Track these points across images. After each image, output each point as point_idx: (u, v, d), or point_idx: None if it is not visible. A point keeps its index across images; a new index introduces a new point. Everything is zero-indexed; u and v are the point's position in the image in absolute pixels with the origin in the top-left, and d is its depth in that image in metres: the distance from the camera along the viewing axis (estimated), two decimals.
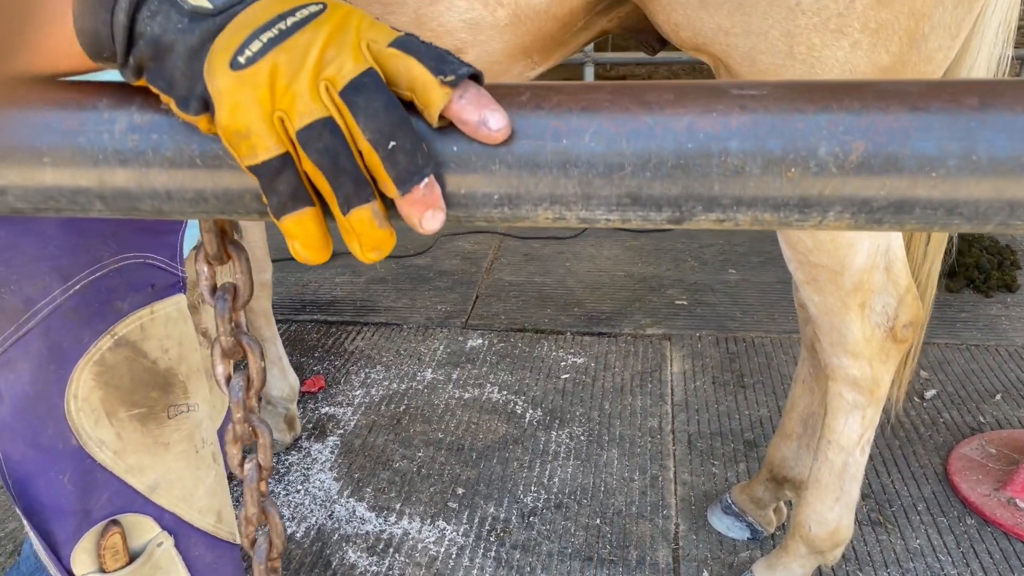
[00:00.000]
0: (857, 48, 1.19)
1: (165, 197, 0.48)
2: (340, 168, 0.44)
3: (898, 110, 0.44)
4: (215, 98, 0.43)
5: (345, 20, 0.45)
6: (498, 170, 0.46)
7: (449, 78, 0.44)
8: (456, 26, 1.30)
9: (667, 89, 0.47)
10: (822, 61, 1.21)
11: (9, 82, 0.50)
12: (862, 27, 1.17)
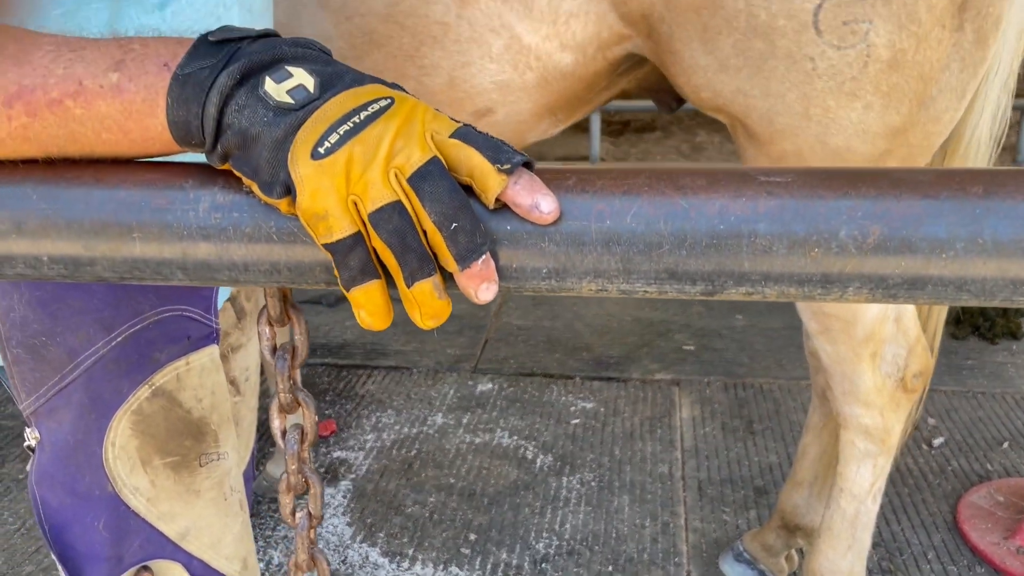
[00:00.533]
0: (870, 110, 1.25)
1: (242, 268, 0.53)
2: (407, 246, 0.49)
3: (910, 197, 0.49)
4: (297, 184, 0.48)
5: (412, 113, 0.50)
6: (547, 247, 0.51)
7: (505, 167, 0.49)
8: (487, 87, 1.36)
9: (700, 175, 0.51)
10: (836, 122, 1.26)
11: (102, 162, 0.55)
12: (874, 90, 1.23)
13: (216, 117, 0.50)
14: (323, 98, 0.50)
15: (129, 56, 0.52)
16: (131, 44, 0.53)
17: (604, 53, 1.36)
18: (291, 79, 0.50)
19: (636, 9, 1.29)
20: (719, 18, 1.22)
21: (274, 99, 0.49)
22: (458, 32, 1.32)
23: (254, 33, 0.53)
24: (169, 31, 0.89)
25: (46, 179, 0.53)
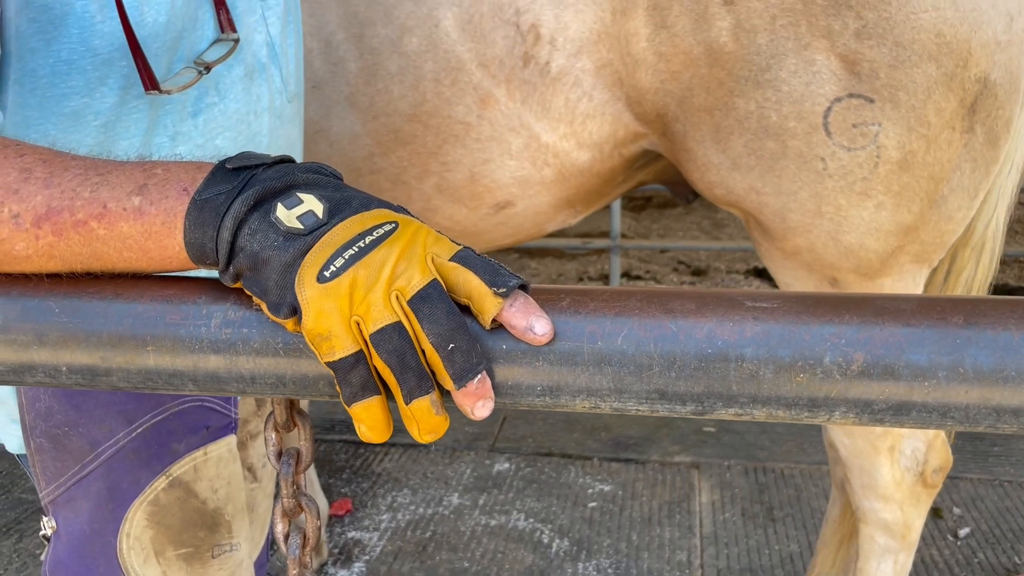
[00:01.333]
0: (881, 209, 1.27)
1: (249, 381, 0.55)
2: (406, 365, 0.51)
3: (893, 325, 0.50)
4: (303, 306, 0.51)
5: (414, 236, 0.53)
6: (541, 366, 0.53)
7: (501, 290, 0.51)
8: (507, 182, 1.41)
9: (689, 298, 0.53)
10: (849, 220, 1.28)
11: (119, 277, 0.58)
12: (885, 190, 1.25)
13: (230, 241, 0.53)
14: (331, 223, 0.53)
15: (152, 180, 0.56)
16: (154, 168, 0.57)
17: (620, 150, 1.41)
18: (301, 205, 0.53)
19: (651, 109, 1.34)
20: (731, 119, 1.26)
21: (285, 225, 0.52)
22: (479, 131, 1.37)
23: (270, 160, 0.56)
24: (201, 136, 0.94)
25: (68, 294, 0.57)
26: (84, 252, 0.56)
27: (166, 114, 0.91)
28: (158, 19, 0.86)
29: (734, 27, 1.22)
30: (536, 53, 1.32)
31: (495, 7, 1.33)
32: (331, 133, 1.47)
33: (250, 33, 0.98)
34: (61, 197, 0.56)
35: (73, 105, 0.84)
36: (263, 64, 1.00)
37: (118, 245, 0.56)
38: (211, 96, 0.94)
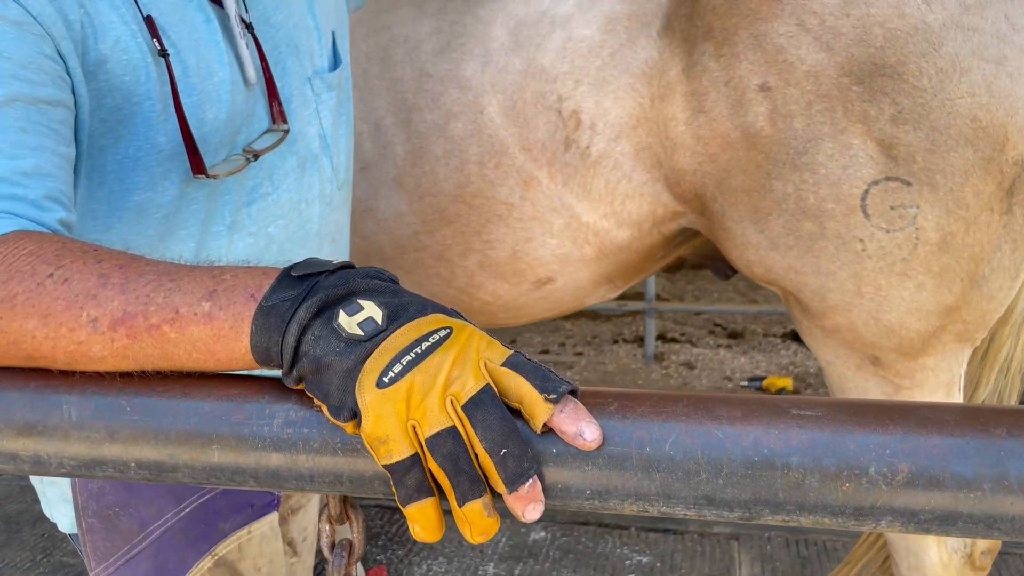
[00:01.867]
0: (922, 289, 1.27)
1: (308, 479, 0.57)
2: (460, 469, 0.53)
3: (936, 436, 0.51)
4: (363, 410, 0.53)
5: (468, 342, 0.56)
6: (590, 471, 0.54)
7: (551, 396, 0.53)
8: (548, 260, 1.44)
9: (735, 405, 0.55)
10: (889, 300, 1.29)
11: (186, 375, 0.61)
12: (925, 271, 1.26)
13: (294, 346, 0.55)
14: (389, 329, 0.55)
15: (221, 287, 0.59)
16: (223, 274, 0.60)
17: (659, 228, 1.43)
18: (362, 312, 0.56)
19: (689, 189, 1.36)
20: (769, 200, 1.28)
21: (346, 331, 0.55)
22: (521, 211, 1.41)
23: (332, 266, 0.60)
24: (255, 225, 0.99)
25: (139, 392, 0.60)
26: (156, 353, 0.60)
27: (223, 204, 0.96)
28: (219, 116, 0.91)
29: (770, 112, 1.25)
30: (577, 138, 1.36)
31: (537, 94, 1.38)
32: (378, 212, 1.51)
33: (303, 126, 1.03)
34: (136, 302, 0.60)
35: (137, 199, 0.89)
36: (315, 154, 1.05)
37: (188, 347, 0.59)
38: (265, 186, 0.99)
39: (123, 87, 0.84)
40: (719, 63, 1.27)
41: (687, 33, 1.29)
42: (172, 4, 0.88)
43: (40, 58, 0.76)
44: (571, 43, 1.37)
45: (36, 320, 0.61)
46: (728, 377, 4.11)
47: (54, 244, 0.65)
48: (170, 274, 0.61)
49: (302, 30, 1.03)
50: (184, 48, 0.88)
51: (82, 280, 0.61)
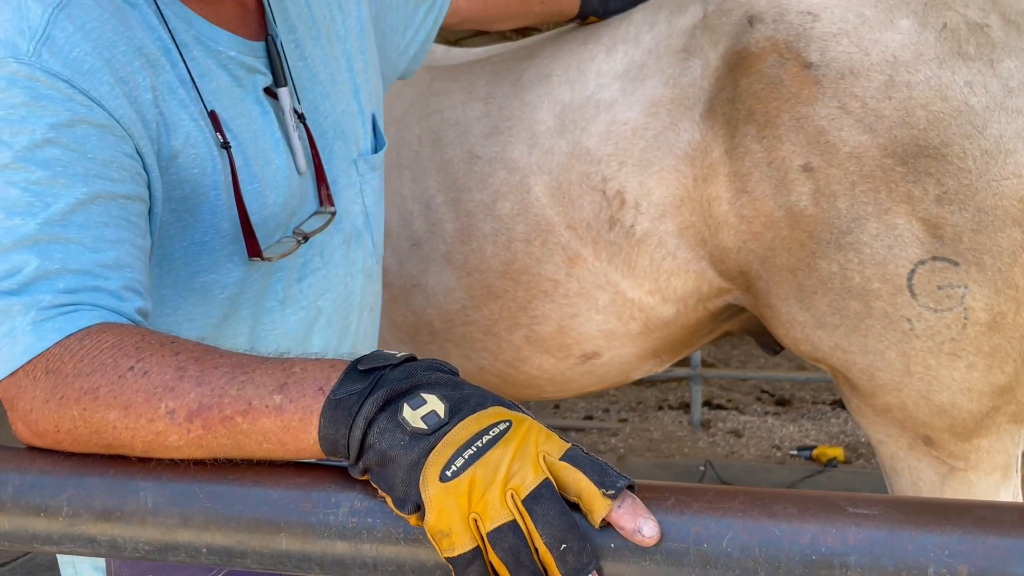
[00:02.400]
0: (973, 369, 1.26)
1: (371, 567, 0.59)
2: (520, 563, 0.54)
3: (995, 537, 0.51)
4: (426, 503, 0.55)
5: (527, 435, 0.58)
6: (648, 566, 0.55)
7: (610, 491, 0.55)
8: (594, 335, 1.46)
9: (791, 501, 0.56)
10: (939, 380, 1.27)
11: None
12: (976, 351, 1.25)
13: (360, 439, 0.58)
14: (451, 423, 0.58)
15: (291, 379, 0.62)
16: (293, 367, 0.64)
17: (705, 304, 1.45)
18: (425, 406, 0.58)
19: (734, 267, 1.38)
20: (814, 279, 1.29)
21: (410, 425, 0.58)
22: (567, 288, 1.44)
23: (396, 360, 0.62)
24: (306, 299, 1.03)
25: (212, 480, 0.63)
26: (228, 443, 0.63)
27: (276, 280, 1.01)
28: (277, 201, 0.97)
29: (814, 192, 1.27)
30: (621, 217, 1.39)
31: (583, 175, 1.42)
32: (428, 287, 1.55)
33: (349, 204, 1.09)
34: (211, 395, 0.63)
35: (202, 280, 0.94)
36: (359, 231, 1.11)
37: (259, 438, 0.62)
38: (316, 262, 1.04)
39: (192, 179, 0.89)
40: (761, 145, 1.30)
41: (729, 116, 1.32)
42: (233, 99, 0.94)
43: (121, 157, 0.81)
44: (615, 126, 1.41)
45: (117, 411, 0.64)
46: (777, 446, 4.04)
47: (134, 336, 0.69)
48: (243, 366, 0.65)
49: (347, 116, 1.09)
50: (244, 140, 0.94)
51: (161, 373, 0.65)
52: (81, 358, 0.68)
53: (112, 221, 0.78)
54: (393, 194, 1.58)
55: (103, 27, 0.82)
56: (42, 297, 0.72)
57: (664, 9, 1.44)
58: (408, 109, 1.62)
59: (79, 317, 0.72)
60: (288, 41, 1.01)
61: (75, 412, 0.66)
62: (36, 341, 0.70)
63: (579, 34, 1.53)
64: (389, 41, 1.25)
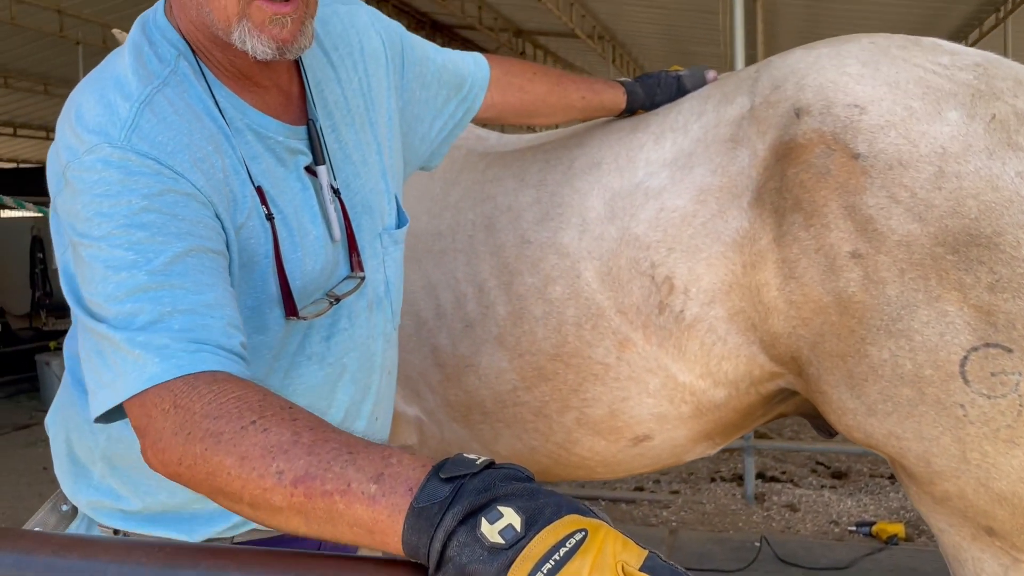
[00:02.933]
0: None
1: None
2: None
3: None
4: None
5: (603, 545, 0.60)
6: None
7: None
8: (645, 418, 1.48)
9: None
10: (997, 467, 1.26)
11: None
12: None
13: (440, 551, 0.62)
14: (528, 536, 0.60)
15: (388, 471, 0.67)
16: (391, 458, 0.69)
17: (757, 388, 1.45)
18: (502, 519, 0.61)
19: (785, 352, 1.39)
20: (865, 366, 1.29)
21: (488, 540, 0.61)
22: (618, 371, 1.46)
23: (475, 468, 0.66)
24: (333, 356, 1.15)
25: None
26: (323, 517, 0.68)
27: (307, 337, 1.12)
28: (315, 267, 1.08)
29: (863, 278, 1.29)
30: (671, 302, 1.42)
31: (632, 260, 1.45)
32: (481, 368, 1.59)
33: (373, 273, 1.19)
34: (318, 466, 0.68)
35: (252, 341, 1.03)
36: (380, 298, 1.21)
37: (350, 522, 0.67)
38: (343, 322, 1.14)
39: (250, 248, 1.01)
40: (809, 232, 1.32)
41: (777, 205, 1.35)
42: (277, 177, 1.07)
43: (206, 219, 0.93)
44: (664, 213, 1.45)
45: (234, 459, 0.71)
46: (835, 521, 3.92)
47: (257, 394, 0.76)
48: (350, 446, 0.70)
49: (375, 194, 1.20)
50: (288, 213, 1.06)
51: (279, 433, 0.71)
52: (209, 401, 0.76)
53: (206, 269, 0.89)
54: (448, 277, 1.63)
55: (180, 120, 0.96)
56: (162, 335, 0.82)
57: (712, 99, 1.48)
58: (463, 195, 1.68)
59: (202, 360, 0.81)
60: (326, 125, 1.13)
61: (198, 450, 0.73)
62: (165, 370, 0.80)
63: (628, 123, 1.59)
64: (414, 129, 1.34)
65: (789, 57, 1.45)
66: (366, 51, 1.21)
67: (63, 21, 9.07)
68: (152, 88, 0.96)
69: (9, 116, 13.65)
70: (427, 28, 11.28)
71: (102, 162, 0.89)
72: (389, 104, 1.24)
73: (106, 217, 0.87)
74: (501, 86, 1.48)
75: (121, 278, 0.84)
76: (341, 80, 1.17)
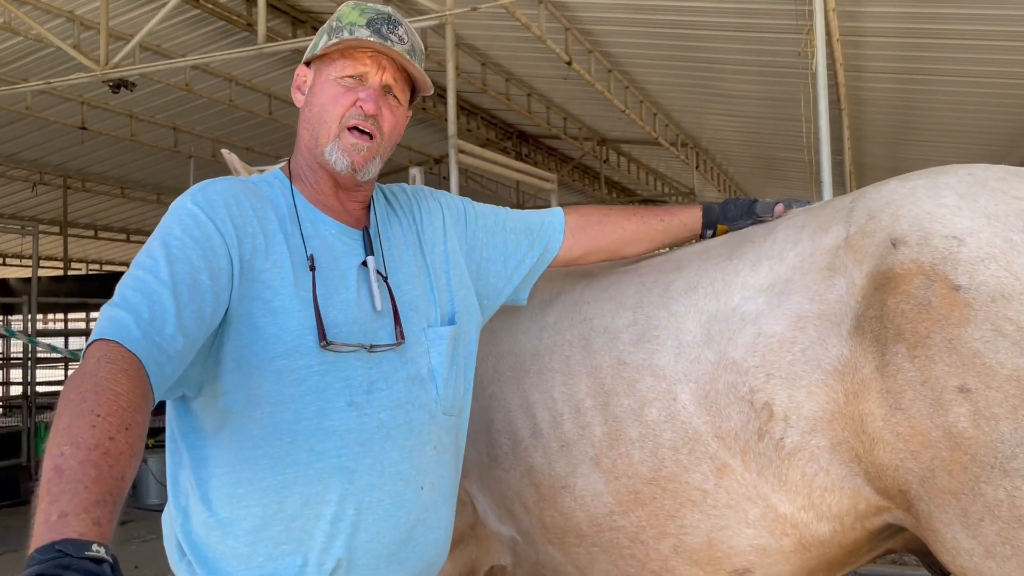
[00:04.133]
0: None
1: None
2: None
3: None
4: None
5: None
6: None
7: None
8: (745, 549, 1.45)
9: None
10: None
11: None
12: None
13: None
14: None
15: (67, 518, 0.90)
16: (94, 509, 0.91)
17: (863, 523, 1.41)
18: None
19: (892, 485, 1.35)
20: (979, 505, 1.25)
21: None
22: (716, 498, 1.45)
23: (75, 552, 0.84)
24: (371, 408, 1.33)
25: None
26: None
27: (347, 386, 1.32)
28: (338, 316, 1.33)
29: (973, 414, 1.25)
30: (770, 429, 1.41)
31: (730, 385, 1.46)
32: (576, 489, 1.59)
33: (416, 355, 1.41)
34: (51, 481, 0.93)
35: (294, 365, 1.29)
36: (423, 377, 1.41)
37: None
38: (380, 383, 1.35)
39: (273, 287, 1.30)
40: (913, 364, 1.31)
41: (878, 334, 1.34)
42: (329, 254, 1.36)
43: (217, 248, 1.28)
44: (762, 338, 1.45)
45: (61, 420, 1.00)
46: None
47: (112, 382, 1.05)
48: (79, 481, 0.92)
49: (423, 300, 1.46)
50: (328, 275, 1.34)
51: (79, 429, 0.98)
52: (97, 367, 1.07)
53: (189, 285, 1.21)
54: (544, 396, 1.66)
55: (237, 190, 1.34)
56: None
57: (807, 229, 1.50)
58: (560, 316, 1.73)
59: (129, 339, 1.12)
60: (385, 244, 1.45)
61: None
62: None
63: (724, 248, 1.62)
64: (487, 268, 1.61)
65: (884, 188, 1.47)
66: (422, 209, 1.57)
67: (178, 136, 9.79)
68: (239, 179, 1.37)
69: (124, 223, 14.60)
70: (513, 138, 11.69)
71: (175, 205, 1.31)
72: (445, 246, 1.54)
73: (157, 236, 1.26)
74: (579, 226, 1.70)
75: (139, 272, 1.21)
76: (401, 223, 1.52)
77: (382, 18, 1.41)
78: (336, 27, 1.41)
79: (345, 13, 1.41)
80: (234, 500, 1.29)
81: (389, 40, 1.39)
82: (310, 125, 1.41)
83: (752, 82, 7.66)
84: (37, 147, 10.24)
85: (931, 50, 6.21)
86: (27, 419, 8.31)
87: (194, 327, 1.20)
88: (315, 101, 1.41)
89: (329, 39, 1.40)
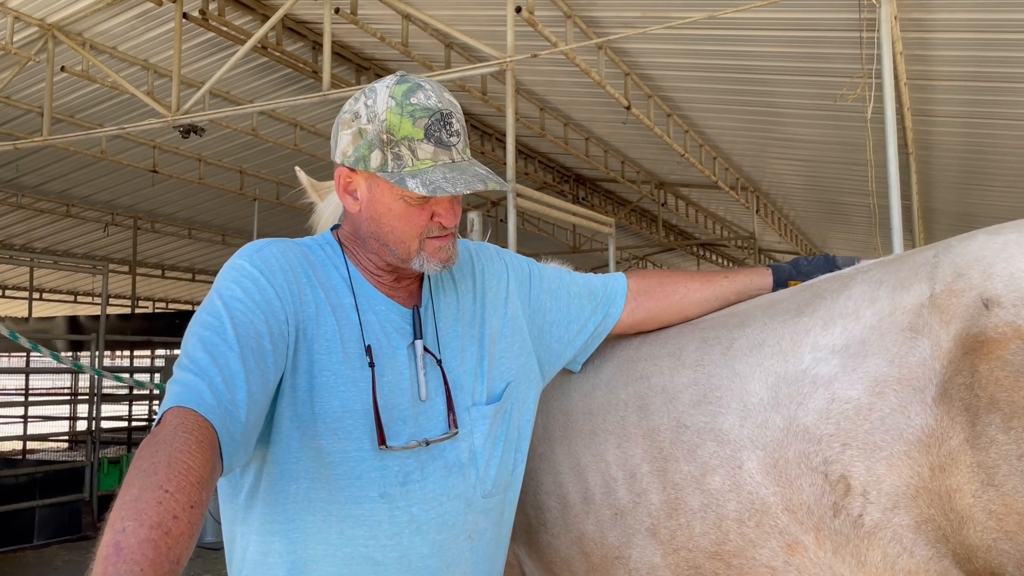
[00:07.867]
0: None
1: None
2: None
3: None
4: None
5: None
6: None
7: None
8: None
9: None
10: None
11: None
12: None
13: None
14: None
15: None
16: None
17: None
18: None
19: (984, 568, 1.22)
20: None
21: None
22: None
23: None
24: (403, 500, 1.29)
25: None
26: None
27: (383, 477, 1.28)
28: (383, 403, 1.29)
29: None
30: (847, 504, 1.29)
31: (801, 454, 1.34)
32: (631, 561, 1.49)
33: (458, 439, 1.35)
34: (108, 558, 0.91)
35: (316, 445, 1.26)
36: (463, 464, 1.35)
37: None
38: (416, 475, 1.30)
39: (320, 361, 1.28)
40: (1009, 436, 1.18)
41: (968, 403, 1.22)
42: (384, 334, 1.33)
43: (276, 313, 1.26)
44: (836, 404, 1.34)
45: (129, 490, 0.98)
46: None
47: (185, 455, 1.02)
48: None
49: (467, 375, 1.41)
50: (388, 370, 1.31)
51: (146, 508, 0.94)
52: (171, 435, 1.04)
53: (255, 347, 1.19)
54: (597, 459, 1.56)
55: (292, 257, 1.32)
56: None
57: (885, 285, 1.39)
58: (615, 372, 1.63)
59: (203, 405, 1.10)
60: (440, 319, 1.41)
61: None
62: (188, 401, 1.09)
63: (792, 304, 1.51)
64: (550, 332, 1.56)
65: (971, 242, 1.35)
66: (486, 271, 1.52)
67: (244, 179, 10.02)
68: (291, 243, 1.36)
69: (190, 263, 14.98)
70: (571, 182, 11.67)
71: (237, 269, 1.27)
72: (507, 310, 1.50)
73: (217, 293, 1.23)
74: (641, 289, 1.64)
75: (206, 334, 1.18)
76: (457, 287, 1.47)
77: (436, 122, 1.27)
78: (390, 141, 1.27)
79: (395, 123, 1.27)
80: (263, 569, 1.27)
81: (452, 148, 1.28)
82: (378, 234, 1.33)
83: (814, 126, 7.52)
84: (110, 189, 10.62)
85: (1000, 94, 6.01)
86: (91, 454, 8.47)
87: (260, 394, 1.16)
88: (383, 220, 1.32)
89: (385, 156, 1.27)
